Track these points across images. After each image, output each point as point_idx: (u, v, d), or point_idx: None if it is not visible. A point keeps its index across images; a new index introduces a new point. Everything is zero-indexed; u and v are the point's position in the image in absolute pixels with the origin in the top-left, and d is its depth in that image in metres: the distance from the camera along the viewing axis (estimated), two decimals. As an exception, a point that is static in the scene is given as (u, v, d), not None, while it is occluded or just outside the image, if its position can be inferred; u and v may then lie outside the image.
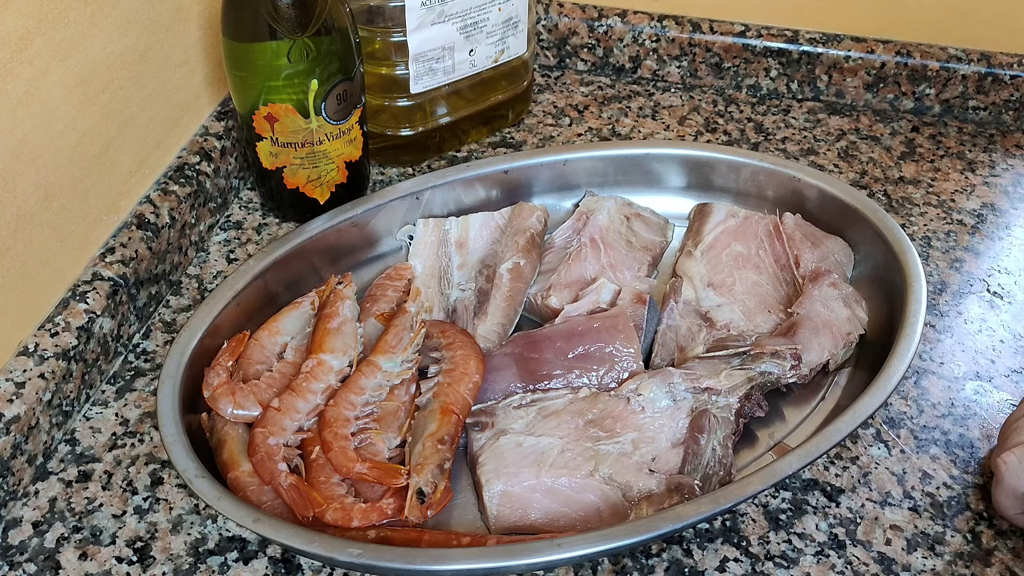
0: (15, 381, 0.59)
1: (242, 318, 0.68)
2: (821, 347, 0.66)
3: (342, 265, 0.74)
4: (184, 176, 0.76)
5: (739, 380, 0.63)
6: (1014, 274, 0.78)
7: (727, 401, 0.62)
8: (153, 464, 0.62)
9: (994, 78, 0.95)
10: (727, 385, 0.63)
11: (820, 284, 0.70)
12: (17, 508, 0.59)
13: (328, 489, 0.58)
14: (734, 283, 0.72)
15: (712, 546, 0.59)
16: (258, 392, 0.62)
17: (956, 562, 0.58)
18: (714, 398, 0.62)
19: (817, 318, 0.67)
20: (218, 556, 0.57)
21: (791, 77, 0.99)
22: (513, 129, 0.93)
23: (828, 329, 0.67)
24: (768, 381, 0.64)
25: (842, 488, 0.62)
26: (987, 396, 0.68)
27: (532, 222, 0.75)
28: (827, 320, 0.67)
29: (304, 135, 0.73)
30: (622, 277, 0.73)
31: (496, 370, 0.65)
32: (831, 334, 0.67)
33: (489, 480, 0.59)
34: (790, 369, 0.64)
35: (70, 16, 0.62)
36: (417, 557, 0.52)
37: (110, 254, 0.68)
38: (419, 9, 0.77)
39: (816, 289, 0.69)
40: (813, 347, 0.66)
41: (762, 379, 0.64)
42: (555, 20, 1.00)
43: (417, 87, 0.81)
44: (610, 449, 0.60)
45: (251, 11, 0.67)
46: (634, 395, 0.62)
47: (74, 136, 0.65)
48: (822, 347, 0.66)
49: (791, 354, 0.64)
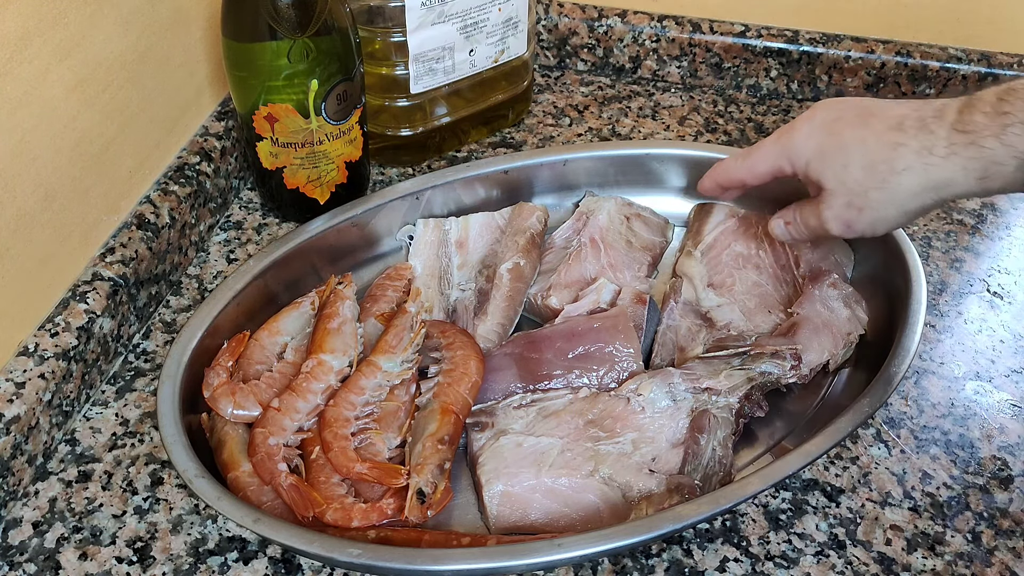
0: (15, 381, 0.59)
1: (242, 318, 0.68)
2: (821, 347, 0.66)
3: (342, 265, 0.74)
4: (184, 176, 0.76)
5: (739, 380, 0.63)
6: (1014, 274, 0.78)
7: (727, 401, 0.62)
8: (153, 464, 0.62)
9: (994, 78, 0.94)
10: (727, 385, 0.63)
11: (820, 284, 0.70)
12: (17, 508, 0.59)
13: (328, 489, 0.58)
14: (734, 283, 0.72)
15: (712, 546, 0.59)
16: (258, 392, 0.62)
17: (956, 562, 0.58)
18: (714, 398, 0.62)
19: (817, 318, 0.67)
20: (218, 556, 0.57)
21: (791, 77, 0.99)
22: (513, 129, 0.93)
23: (828, 329, 0.67)
24: (768, 381, 0.64)
25: (842, 488, 0.62)
26: (987, 396, 0.68)
27: (532, 222, 0.75)
28: (827, 320, 0.67)
29: (304, 135, 0.73)
30: (622, 277, 0.73)
31: (496, 370, 0.65)
32: (831, 334, 0.67)
33: (489, 480, 0.59)
34: (790, 369, 0.64)
35: (70, 16, 0.62)
36: (417, 557, 0.52)
37: (110, 254, 0.68)
38: (419, 9, 0.77)
39: (816, 289, 0.69)
40: (813, 347, 0.66)
41: (762, 379, 0.64)
42: (555, 20, 1.00)
43: (417, 87, 0.81)
44: (610, 449, 0.60)
45: (251, 11, 0.67)
46: (634, 395, 0.62)
47: (74, 136, 0.65)
48: (822, 347, 0.66)
49: (791, 354, 0.64)
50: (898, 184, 0.56)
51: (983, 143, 0.53)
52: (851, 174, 0.58)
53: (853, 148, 0.58)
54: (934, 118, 0.56)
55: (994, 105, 0.53)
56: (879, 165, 0.57)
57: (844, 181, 0.59)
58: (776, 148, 0.63)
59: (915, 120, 0.57)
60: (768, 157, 0.64)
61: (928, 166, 0.55)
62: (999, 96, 0.54)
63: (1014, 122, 0.52)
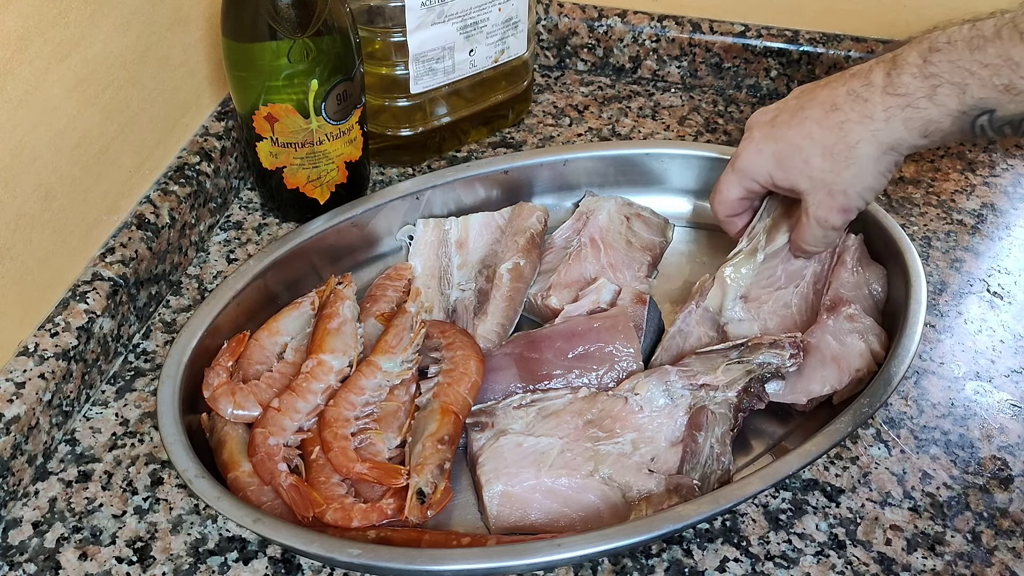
0: (15, 381, 0.59)
1: (242, 318, 0.68)
2: (824, 379, 0.64)
3: (342, 265, 0.74)
4: (184, 176, 0.76)
5: (737, 374, 0.63)
6: (1014, 274, 0.78)
7: (724, 396, 0.62)
8: (153, 464, 0.62)
9: (994, 78, 0.94)
10: (724, 380, 0.62)
11: (836, 315, 0.66)
12: (17, 508, 0.59)
13: (328, 489, 0.58)
14: (768, 301, 0.69)
15: (712, 546, 0.59)
16: (258, 392, 0.62)
17: (956, 562, 0.58)
18: (712, 394, 0.62)
19: (827, 350, 0.64)
20: (218, 556, 0.57)
21: (791, 77, 0.99)
22: (513, 129, 0.93)
23: (836, 363, 0.64)
24: (767, 372, 0.63)
25: (842, 488, 0.62)
26: (987, 396, 0.68)
27: (532, 222, 0.75)
28: (836, 354, 0.64)
29: (304, 135, 0.73)
30: (622, 277, 0.73)
31: (496, 370, 0.65)
32: (838, 368, 0.64)
33: (489, 480, 0.59)
34: (790, 358, 0.63)
35: (70, 16, 0.62)
36: (417, 557, 0.52)
37: (110, 254, 0.68)
38: (419, 9, 0.77)
39: (831, 319, 0.66)
40: (816, 378, 0.64)
41: (761, 371, 0.63)
42: (555, 20, 1.00)
43: (417, 87, 0.82)
44: (610, 449, 0.60)
45: (251, 11, 0.67)
46: (631, 394, 0.62)
47: (74, 136, 0.65)
48: (824, 379, 0.63)
49: (790, 343, 0.63)
50: (859, 155, 0.59)
51: (917, 104, 0.56)
52: (815, 166, 0.61)
53: (804, 144, 0.61)
54: (864, 86, 0.59)
55: (920, 67, 0.56)
56: (835, 147, 0.60)
57: (812, 176, 0.62)
58: (735, 175, 0.67)
59: (846, 94, 0.60)
60: (732, 186, 0.68)
61: (875, 132, 0.58)
62: (923, 57, 0.56)
63: (942, 83, 0.55)
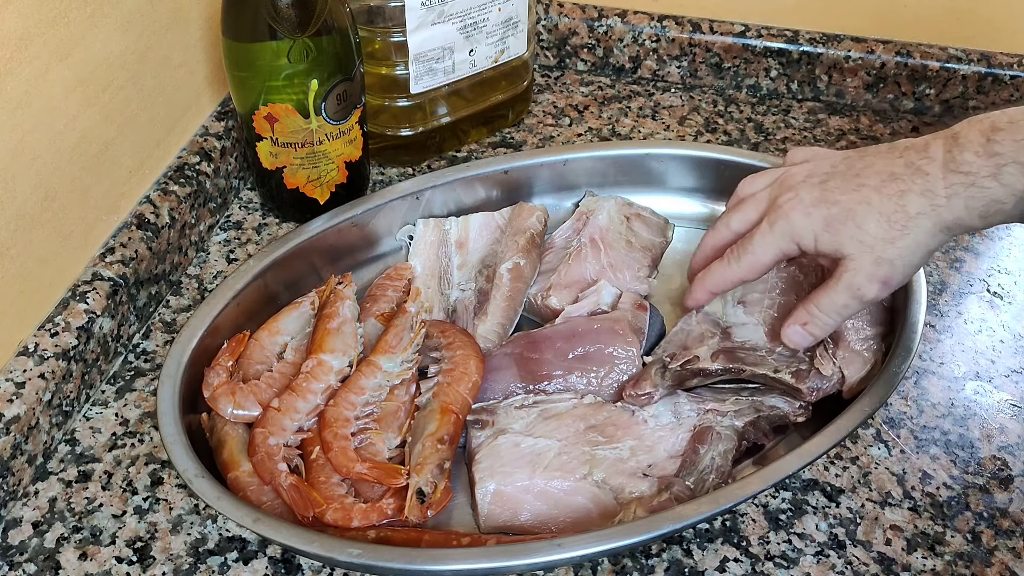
0: (15, 381, 0.59)
1: (242, 318, 0.68)
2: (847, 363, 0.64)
3: (342, 265, 0.74)
4: (184, 176, 0.76)
5: (746, 406, 0.63)
6: (1014, 274, 0.78)
7: (732, 422, 0.62)
8: (153, 464, 0.62)
9: (994, 78, 0.95)
10: (733, 409, 0.62)
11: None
12: (17, 508, 0.59)
13: (328, 489, 0.58)
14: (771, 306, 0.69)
15: (712, 546, 0.59)
16: (258, 392, 0.62)
17: (956, 562, 0.58)
18: (719, 418, 0.62)
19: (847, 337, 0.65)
20: (218, 556, 0.57)
21: (791, 77, 0.99)
22: (513, 129, 0.93)
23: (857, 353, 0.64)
24: (775, 416, 0.63)
25: (842, 488, 0.62)
26: (987, 396, 0.68)
27: (532, 222, 0.75)
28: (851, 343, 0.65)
29: (304, 135, 0.73)
30: (622, 277, 0.73)
31: (496, 370, 0.65)
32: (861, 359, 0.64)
33: (483, 478, 0.59)
34: (799, 408, 0.63)
35: (70, 16, 0.62)
36: (417, 557, 0.52)
37: (110, 254, 0.68)
38: (419, 9, 0.77)
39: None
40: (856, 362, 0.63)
41: (770, 412, 0.63)
42: (555, 20, 1.00)
43: (417, 87, 0.81)
44: (607, 454, 0.60)
45: (251, 11, 0.67)
46: (639, 408, 0.62)
47: (74, 136, 0.65)
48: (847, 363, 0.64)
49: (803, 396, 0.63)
50: (917, 227, 0.56)
51: (982, 183, 0.54)
52: (868, 231, 0.58)
53: (860, 210, 0.58)
54: (923, 160, 0.56)
55: (984, 146, 0.54)
56: (893, 216, 0.57)
57: (864, 241, 0.58)
58: (775, 236, 0.61)
59: (904, 165, 0.57)
60: (771, 248, 0.62)
61: (936, 207, 0.56)
62: (986, 135, 0.54)
63: (1008, 162, 0.53)
